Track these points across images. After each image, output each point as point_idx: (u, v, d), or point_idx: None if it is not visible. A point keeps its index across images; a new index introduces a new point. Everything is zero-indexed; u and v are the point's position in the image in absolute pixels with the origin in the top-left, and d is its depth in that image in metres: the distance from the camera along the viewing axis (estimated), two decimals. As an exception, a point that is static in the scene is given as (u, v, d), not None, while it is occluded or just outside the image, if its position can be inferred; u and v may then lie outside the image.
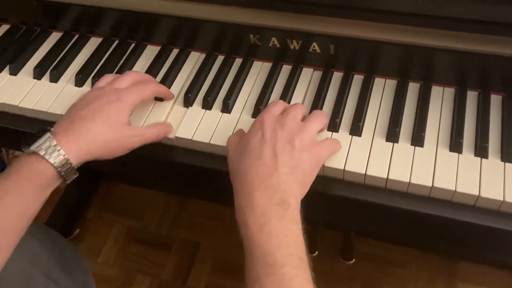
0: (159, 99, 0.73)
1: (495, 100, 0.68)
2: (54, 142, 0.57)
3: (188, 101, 0.72)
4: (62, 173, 0.58)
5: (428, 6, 0.62)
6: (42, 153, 0.56)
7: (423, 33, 0.65)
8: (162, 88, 0.71)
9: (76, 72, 0.78)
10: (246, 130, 0.67)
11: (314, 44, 0.71)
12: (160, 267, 1.40)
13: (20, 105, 0.74)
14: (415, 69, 0.70)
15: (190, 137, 0.68)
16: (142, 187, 1.54)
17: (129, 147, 0.63)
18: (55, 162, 0.57)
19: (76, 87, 0.77)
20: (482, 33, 0.63)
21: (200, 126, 0.69)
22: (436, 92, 0.69)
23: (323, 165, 0.62)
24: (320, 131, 0.64)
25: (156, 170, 0.79)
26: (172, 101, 0.73)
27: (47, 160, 0.56)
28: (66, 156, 0.57)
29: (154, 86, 0.69)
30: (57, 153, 0.57)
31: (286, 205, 0.53)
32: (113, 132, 0.61)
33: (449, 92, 0.69)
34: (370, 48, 0.70)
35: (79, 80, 0.77)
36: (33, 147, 0.57)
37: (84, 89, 0.76)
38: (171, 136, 0.68)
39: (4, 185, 0.56)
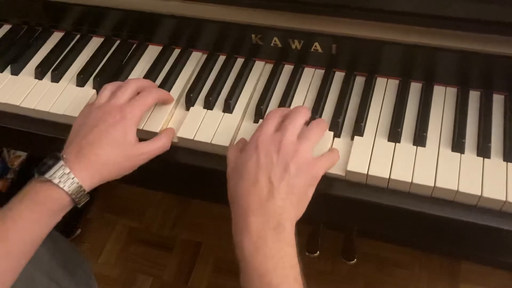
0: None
1: (498, 100, 0.67)
2: (68, 170, 0.58)
3: (189, 101, 0.72)
4: (76, 200, 0.59)
5: (430, 6, 0.62)
6: (56, 181, 0.57)
7: (426, 32, 0.65)
8: (163, 93, 0.70)
9: (78, 72, 0.78)
10: (247, 131, 0.68)
11: (316, 44, 0.71)
12: (161, 268, 1.40)
13: (21, 105, 0.74)
14: (417, 69, 0.70)
15: (191, 137, 0.68)
16: (143, 187, 1.54)
17: (138, 165, 0.64)
18: (69, 190, 0.58)
19: (77, 87, 0.76)
20: (484, 33, 0.63)
21: (201, 126, 0.69)
22: (438, 92, 0.69)
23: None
24: None
25: (158, 171, 0.79)
26: (173, 102, 0.73)
27: (61, 188, 0.57)
28: (79, 183, 0.58)
29: (154, 95, 0.68)
30: (71, 180, 0.58)
31: (281, 228, 0.54)
32: (122, 154, 0.62)
33: (451, 92, 0.69)
34: (372, 48, 0.69)
35: (81, 80, 0.77)
36: (47, 175, 0.57)
37: (85, 89, 0.76)
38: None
39: (18, 210, 0.57)
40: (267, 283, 0.51)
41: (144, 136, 0.68)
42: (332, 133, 0.66)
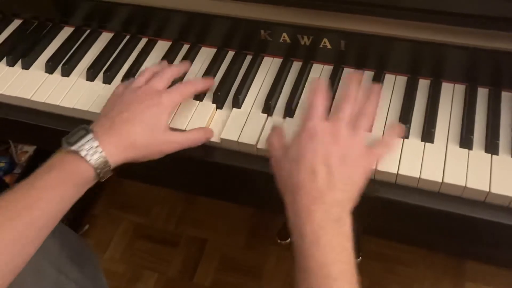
0: None
1: (506, 97, 0.67)
2: (96, 144, 0.58)
3: (198, 96, 0.72)
4: (101, 174, 0.59)
5: (439, 2, 0.62)
6: (83, 153, 0.57)
7: (434, 29, 0.65)
8: (202, 84, 0.70)
9: (88, 66, 0.78)
10: (255, 124, 0.68)
11: (325, 40, 0.71)
12: (166, 264, 1.40)
13: (32, 99, 0.75)
14: (426, 65, 0.70)
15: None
16: (149, 183, 1.55)
17: (165, 152, 0.64)
18: (95, 164, 0.57)
19: (87, 82, 0.77)
20: (493, 30, 0.63)
21: (210, 121, 0.70)
22: (447, 89, 0.69)
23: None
24: None
25: (164, 167, 0.80)
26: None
27: (87, 161, 0.57)
28: (106, 158, 0.58)
29: (193, 86, 0.68)
30: (98, 154, 0.58)
31: (343, 222, 0.54)
32: (153, 137, 0.62)
33: (460, 89, 0.69)
34: (380, 44, 0.70)
35: (91, 75, 0.77)
36: (75, 147, 0.57)
37: (95, 83, 0.77)
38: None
39: (45, 180, 0.57)
40: (325, 275, 0.51)
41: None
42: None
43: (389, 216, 0.69)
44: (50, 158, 0.59)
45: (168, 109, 0.64)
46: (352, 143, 0.57)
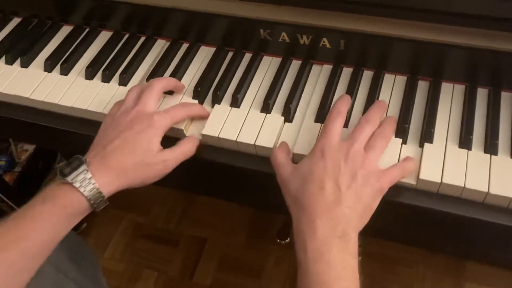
0: (169, 92, 0.73)
1: (506, 98, 0.67)
2: (89, 175, 0.58)
3: (197, 95, 0.72)
4: (95, 205, 0.59)
5: (439, 2, 0.62)
6: (77, 185, 0.57)
7: (434, 29, 0.65)
8: (198, 109, 0.69)
9: (87, 65, 0.78)
10: (254, 124, 0.68)
11: (324, 39, 0.71)
12: (166, 263, 1.41)
13: (31, 97, 0.75)
14: (425, 65, 0.70)
15: (199, 131, 0.68)
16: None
17: (164, 173, 0.63)
18: (89, 195, 0.58)
19: (86, 80, 0.77)
20: (493, 30, 0.62)
21: (209, 120, 0.69)
22: (446, 89, 0.69)
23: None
24: None
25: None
26: (181, 95, 0.73)
27: (81, 193, 0.57)
28: (99, 189, 0.58)
29: (188, 110, 0.68)
30: (91, 186, 0.58)
31: (347, 238, 0.54)
32: (143, 162, 0.61)
33: (459, 89, 0.69)
34: (380, 44, 0.69)
35: (90, 73, 0.77)
36: (68, 179, 0.58)
37: (94, 82, 0.77)
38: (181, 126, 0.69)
39: (39, 210, 0.57)
40: None
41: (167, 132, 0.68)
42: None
43: (388, 217, 0.68)
44: (44, 189, 0.59)
45: (159, 132, 0.63)
46: (365, 162, 0.57)
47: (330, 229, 0.53)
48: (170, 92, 0.73)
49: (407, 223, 0.71)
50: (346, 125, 0.66)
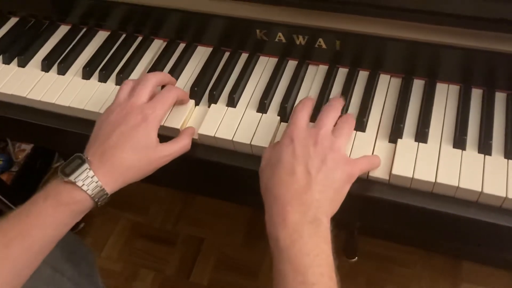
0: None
1: (500, 98, 0.68)
2: (92, 174, 0.58)
3: (194, 95, 0.73)
4: (99, 202, 0.59)
5: (434, 3, 0.62)
6: (80, 184, 0.58)
7: (429, 29, 0.65)
8: (182, 92, 0.69)
9: (84, 65, 0.78)
10: (250, 123, 0.68)
11: (320, 40, 0.72)
12: (164, 263, 1.41)
13: (28, 97, 0.75)
14: (421, 66, 0.70)
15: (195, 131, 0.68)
16: (147, 182, 1.55)
17: (159, 167, 0.64)
18: (92, 193, 0.58)
19: (83, 80, 0.77)
20: (488, 30, 0.63)
21: (205, 120, 0.70)
22: (441, 89, 0.69)
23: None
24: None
25: (162, 166, 0.80)
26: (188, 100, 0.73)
27: (85, 191, 0.58)
28: (102, 187, 0.59)
29: (174, 94, 0.67)
30: (94, 184, 0.58)
31: (318, 222, 0.54)
32: (145, 158, 0.62)
33: (454, 89, 0.69)
34: (376, 45, 0.70)
35: (87, 73, 0.77)
36: (71, 178, 0.58)
37: (91, 82, 0.77)
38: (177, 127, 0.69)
39: (42, 207, 0.58)
40: (302, 281, 0.50)
41: (164, 132, 0.68)
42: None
43: (383, 216, 0.69)
44: (45, 186, 0.60)
45: (154, 125, 0.63)
46: (334, 146, 0.58)
47: (301, 215, 0.53)
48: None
49: (401, 223, 0.71)
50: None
